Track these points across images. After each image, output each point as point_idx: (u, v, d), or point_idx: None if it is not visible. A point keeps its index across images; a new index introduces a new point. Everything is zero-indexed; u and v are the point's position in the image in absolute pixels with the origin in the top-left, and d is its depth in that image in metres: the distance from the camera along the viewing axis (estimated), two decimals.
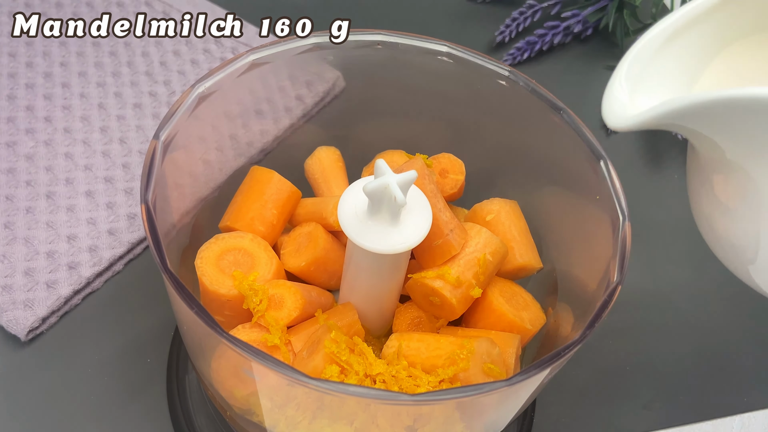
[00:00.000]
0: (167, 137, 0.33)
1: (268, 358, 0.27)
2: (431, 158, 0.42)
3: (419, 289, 0.37)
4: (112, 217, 0.49)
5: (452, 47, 0.39)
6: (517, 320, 0.38)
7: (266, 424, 0.34)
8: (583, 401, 0.45)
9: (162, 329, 0.45)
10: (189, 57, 0.59)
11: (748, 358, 0.49)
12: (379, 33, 0.39)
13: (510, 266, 0.39)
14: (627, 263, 0.32)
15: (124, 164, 0.52)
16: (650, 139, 0.60)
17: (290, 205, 0.41)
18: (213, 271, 0.36)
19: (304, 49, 0.38)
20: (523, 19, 0.65)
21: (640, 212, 0.54)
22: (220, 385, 0.34)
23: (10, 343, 0.44)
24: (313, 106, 0.48)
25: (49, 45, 0.58)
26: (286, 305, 0.36)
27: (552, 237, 0.41)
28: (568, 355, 0.29)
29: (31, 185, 0.50)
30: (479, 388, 0.27)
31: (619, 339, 0.48)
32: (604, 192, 0.34)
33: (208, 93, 0.36)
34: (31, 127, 0.53)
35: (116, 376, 0.43)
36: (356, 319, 0.37)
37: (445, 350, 0.35)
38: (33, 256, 0.46)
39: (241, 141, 0.42)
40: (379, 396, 0.27)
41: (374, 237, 0.33)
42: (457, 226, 0.37)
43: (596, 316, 0.30)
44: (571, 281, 0.38)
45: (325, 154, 0.43)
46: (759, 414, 0.46)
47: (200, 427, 0.42)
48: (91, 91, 0.56)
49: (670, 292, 0.51)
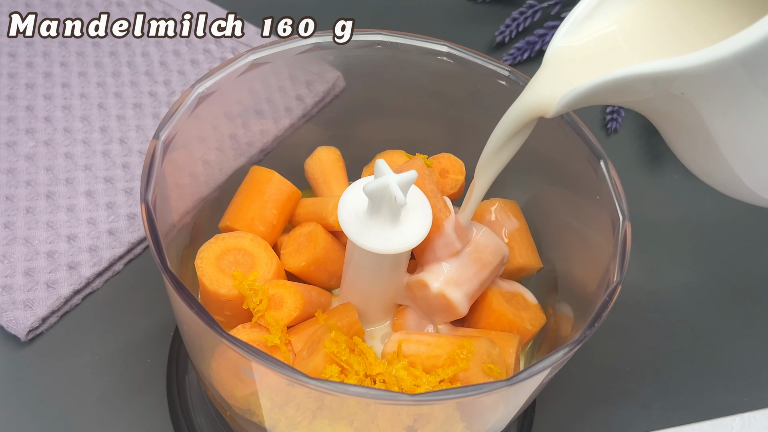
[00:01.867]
0: (167, 137, 0.33)
1: (268, 358, 0.27)
2: (431, 158, 0.42)
3: (419, 289, 0.37)
4: (112, 217, 0.49)
5: (452, 47, 0.39)
6: (517, 320, 0.38)
7: (266, 424, 0.34)
8: (583, 401, 0.45)
9: (162, 329, 0.45)
10: (189, 57, 0.59)
11: (748, 358, 0.49)
12: (379, 33, 0.39)
13: (510, 266, 0.39)
14: (627, 263, 0.32)
15: (124, 164, 0.52)
16: (650, 139, 0.60)
17: (290, 205, 0.41)
18: (213, 271, 0.36)
19: (304, 49, 0.38)
20: (523, 19, 0.65)
21: (640, 212, 0.54)
22: (220, 385, 0.34)
23: (10, 343, 0.44)
24: (313, 106, 0.48)
25: (49, 45, 0.58)
26: (286, 305, 0.36)
27: (552, 237, 0.41)
28: (568, 355, 0.29)
29: (31, 185, 0.50)
30: (479, 388, 0.27)
31: (619, 339, 0.48)
32: (604, 192, 0.34)
33: (208, 93, 0.36)
34: (31, 127, 0.53)
35: (116, 376, 0.43)
36: (356, 319, 0.37)
37: (445, 350, 0.35)
38: (33, 256, 0.46)
39: (241, 141, 0.42)
40: (379, 396, 0.27)
41: (374, 237, 0.33)
42: (458, 226, 0.37)
43: (596, 316, 0.30)
44: (571, 281, 0.38)
45: (325, 154, 0.43)
46: (759, 414, 0.46)
47: (200, 427, 0.42)
48: (91, 91, 0.56)
49: (670, 292, 0.51)
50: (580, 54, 0.29)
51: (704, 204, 0.56)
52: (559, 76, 0.29)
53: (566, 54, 0.30)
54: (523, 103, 0.30)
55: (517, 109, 0.31)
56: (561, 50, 0.30)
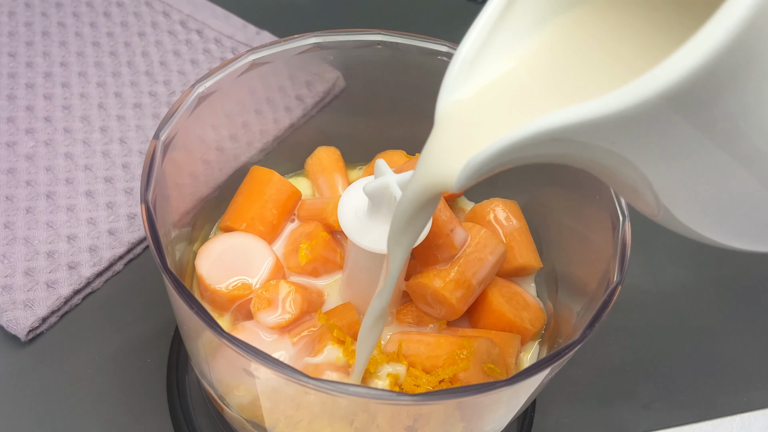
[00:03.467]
0: (167, 137, 0.33)
1: (268, 358, 0.27)
2: None
3: (419, 290, 0.37)
4: (112, 217, 0.49)
5: (452, 47, 0.39)
6: (517, 320, 0.38)
7: (266, 424, 0.34)
8: (583, 401, 0.45)
9: (162, 329, 0.45)
10: (189, 57, 0.59)
11: (748, 358, 0.49)
12: (379, 33, 0.39)
13: (510, 266, 0.39)
14: (627, 263, 0.32)
15: (124, 164, 0.52)
16: None
17: (290, 205, 0.41)
18: (213, 271, 0.36)
19: (304, 49, 0.38)
20: None
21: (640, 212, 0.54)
22: (220, 385, 0.34)
23: (10, 343, 0.44)
24: (313, 106, 0.48)
25: (49, 45, 0.58)
26: (286, 305, 0.36)
27: (552, 237, 0.41)
28: (568, 355, 0.29)
29: (31, 185, 0.50)
30: (479, 388, 0.27)
31: (619, 339, 0.48)
32: (604, 192, 0.34)
33: (208, 93, 0.36)
34: (31, 127, 0.53)
35: (116, 376, 0.43)
36: (356, 319, 0.37)
37: (445, 350, 0.35)
38: (33, 256, 0.46)
39: (241, 141, 0.42)
40: (379, 396, 0.27)
41: (374, 237, 0.33)
42: (457, 226, 0.37)
43: (596, 316, 0.30)
44: (571, 281, 0.38)
45: (325, 154, 0.43)
46: (759, 414, 0.46)
47: (200, 427, 0.42)
48: (91, 91, 0.56)
49: (670, 292, 0.51)
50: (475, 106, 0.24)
51: None
52: (455, 140, 0.24)
53: (459, 110, 0.24)
54: (418, 181, 0.25)
55: (413, 188, 0.25)
56: (452, 105, 0.24)
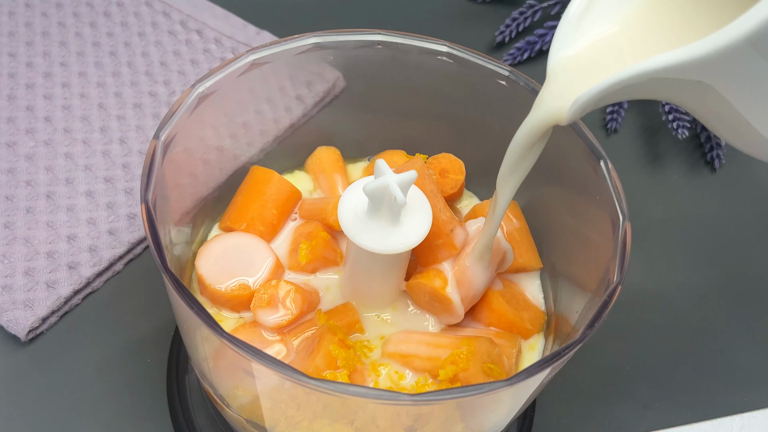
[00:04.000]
0: (167, 137, 0.33)
1: (268, 358, 0.27)
2: (431, 158, 0.42)
3: (419, 290, 0.37)
4: (112, 217, 0.49)
5: (452, 47, 0.39)
6: (517, 320, 0.38)
7: (266, 424, 0.34)
8: (583, 401, 0.45)
9: (162, 329, 0.45)
10: (189, 57, 0.59)
11: (748, 358, 0.49)
12: (379, 33, 0.39)
13: (510, 266, 0.39)
14: (627, 263, 0.32)
15: (124, 164, 0.52)
16: (650, 140, 0.60)
17: (290, 205, 0.41)
18: (213, 271, 0.36)
19: (304, 49, 0.38)
20: (523, 19, 0.65)
21: (640, 212, 0.54)
22: (220, 385, 0.34)
23: (10, 343, 0.44)
24: (313, 106, 0.48)
25: (49, 45, 0.58)
26: (286, 305, 0.36)
27: (552, 237, 0.41)
28: (568, 355, 0.29)
29: (31, 185, 0.50)
30: (479, 388, 0.27)
31: (619, 339, 0.48)
32: (604, 192, 0.34)
33: (208, 93, 0.36)
34: (31, 127, 0.53)
35: (116, 376, 0.43)
36: (356, 319, 0.37)
37: (445, 350, 0.35)
38: (33, 256, 0.46)
39: (241, 141, 0.42)
40: (379, 396, 0.27)
41: (374, 237, 0.33)
42: (457, 226, 0.37)
43: (596, 316, 0.30)
44: (571, 281, 0.38)
45: (325, 154, 0.43)
46: (759, 414, 0.46)
47: (200, 427, 0.42)
48: (91, 91, 0.56)
49: (670, 292, 0.51)
50: (582, 59, 0.29)
51: (704, 204, 0.56)
52: (565, 85, 0.29)
53: (567, 63, 0.30)
54: (536, 116, 0.30)
55: (530, 123, 0.31)
56: (562, 60, 0.30)
